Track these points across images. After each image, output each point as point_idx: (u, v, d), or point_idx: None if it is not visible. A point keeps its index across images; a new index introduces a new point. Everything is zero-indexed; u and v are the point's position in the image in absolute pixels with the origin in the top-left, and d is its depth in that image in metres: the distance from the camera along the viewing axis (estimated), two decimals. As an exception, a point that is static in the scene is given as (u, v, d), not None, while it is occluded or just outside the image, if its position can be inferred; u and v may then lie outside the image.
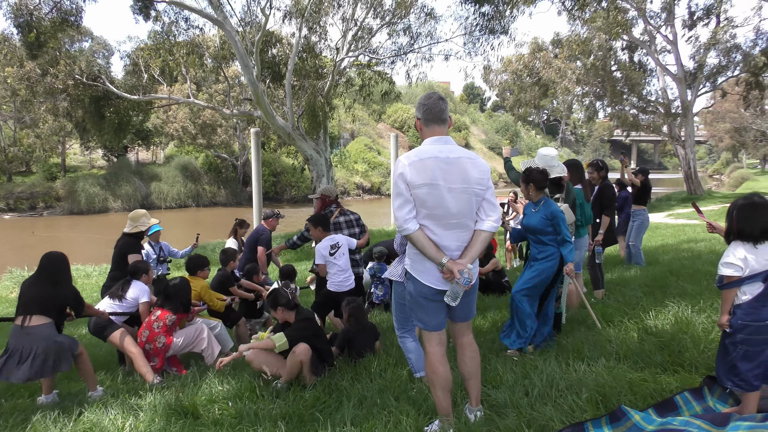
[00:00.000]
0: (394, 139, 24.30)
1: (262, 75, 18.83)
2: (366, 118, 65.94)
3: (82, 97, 19.11)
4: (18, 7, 16.17)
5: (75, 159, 49.17)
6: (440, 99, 3.41)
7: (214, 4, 16.12)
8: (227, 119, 41.49)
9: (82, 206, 40.34)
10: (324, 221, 6.10)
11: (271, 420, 3.85)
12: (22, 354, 4.58)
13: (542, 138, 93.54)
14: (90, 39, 40.54)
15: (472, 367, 3.53)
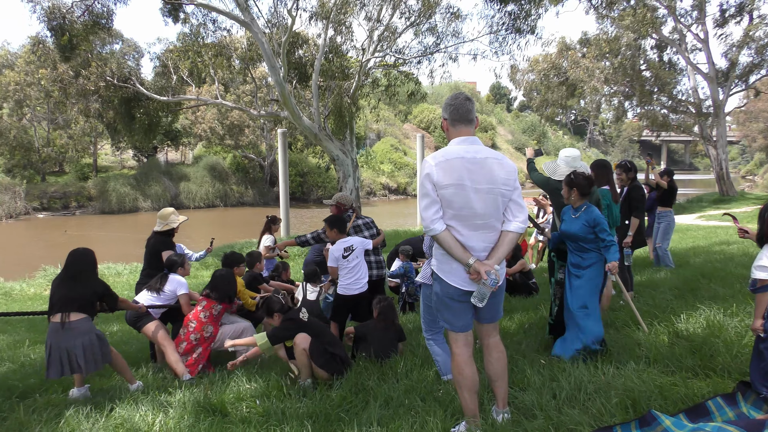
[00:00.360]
0: (420, 139, 24.29)
1: (289, 76, 18.94)
2: (392, 118, 65.96)
3: (112, 99, 19.42)
4: (51, 10, 16.51)
5: (106, 159, 50.05)
6: (467, 99, 3.40)
7: (241, 6, 16.25)
8: (254, 120, 41.83)
9: (113, 206, 41.04)
10: (340, 223, 6.06)
11: (298, 419, 3.87)
12: (68, 349, 4.67)
13: (569, 138, 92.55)
14: (121, 41, 41.26)
15: (498, 368, 3.52)
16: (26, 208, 38.55)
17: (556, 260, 5.27)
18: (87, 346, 4.72)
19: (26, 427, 4.08)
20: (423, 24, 19.65)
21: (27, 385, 5.33)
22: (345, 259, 5.80)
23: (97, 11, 17.08)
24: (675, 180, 9.25)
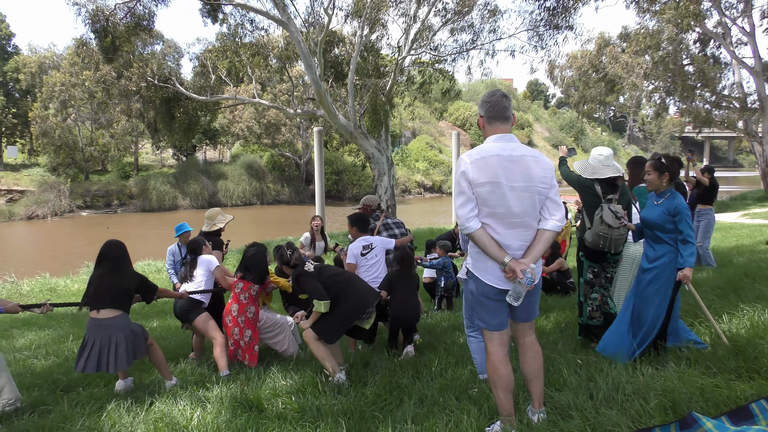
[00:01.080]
0: (455, 137, 24.19)
1: (325, 74, 19.05)
2: (427, 116, 65.83)
3: (153, 99, 19.80)
4: (95, 13, 16.91)
5: (147, 158, 51.16)
6: (504, 96, 3.37)
7: (278, 6, 16.40)
8: (291, 118, 42.25)
9: (153, 204, 41.91)
10: (361, 222, 6.06)
11: (333, 416, 3.90)
12: (101, 346, 4.78)
13: (608, 135, 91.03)
14: (161, 42, 42.04)
15: (534, 368, 3.48)
16: (70, 206, 39.63)
17: (585, 260, 5.19)
18: (120, 343, 4.80)
19: (70, 419, 4.19)
20: (459, 21, 19.53)
21: (71, 378, 5.48)
22: (363, 257, 5.81)
23: (138, 13, 17.43)
24: (716, 177, 9.02)
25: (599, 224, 4.90)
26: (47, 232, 33.63)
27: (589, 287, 5.15)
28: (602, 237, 4.89)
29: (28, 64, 44.90)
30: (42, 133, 41.04)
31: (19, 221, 36.66)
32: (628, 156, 77.49)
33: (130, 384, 5.15)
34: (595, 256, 5.10)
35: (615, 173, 5.04)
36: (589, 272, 5.16)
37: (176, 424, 3.98)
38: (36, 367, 6.26)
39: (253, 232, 25.82)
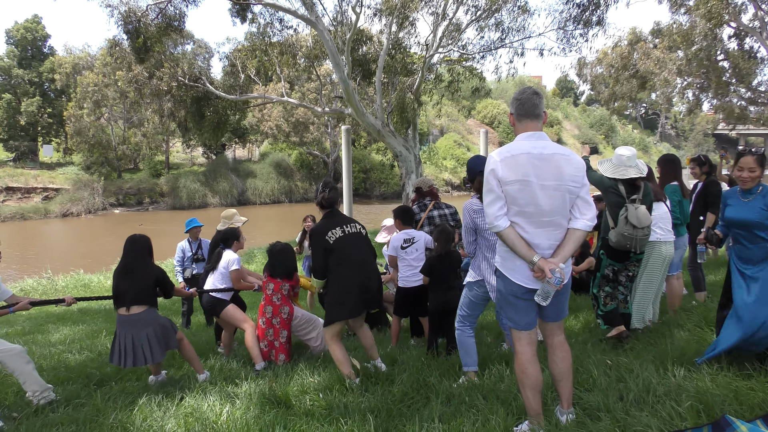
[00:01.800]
0: (483, 135, 23.99)
1: (353, 73, 19.09)
2: (455, 114, 65.55)
3: (184, 98, 20.07)
4: (127, 14, 17.19)
5: (177, 156, 51.88)
6: (534, 94, 3.34)
7: (307, 5, 16.48)
8: (319, 117, 42.42)
9: (184, 201, 42.49)
10: (405, 214, 5.98)
11: (360, 413, 3.91)
12: (134, 341, 4.86)
13: (639, 132, 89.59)
14: (192, 42, 42.58)
15: (563, 368, 3.45)
16: (103, 204, 40.40)
17: (604, 258, 5.18)
18: (152, 337, 4.89)
19: (103, 413, 4.27)
20: (488, 18, 19.40)
21: (104, 373, 5.59)
22: (403, 251, 5.75)
23: (169, 13, 17.67)
24: None
25: (624, 224, 4.86)
26: (81, 229, 34.31)
27: (605, 281, 5.19)
28: (627, 237, 4.86)
29: (63, 65, 45.83)
30: (76, 133, 41.87)
31: (54, 218, 37.48)
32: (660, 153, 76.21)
33: (164, 378, 5.24)
34: (618, 255, 5.08)
35: (638, 174, 4.99)
36: (608, 269, 5.17)
37: (206, 419, 4.03)
38: (70, 362, 6.40)
39: (280, 230, 26.02)
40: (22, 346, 4.74)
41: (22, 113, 46.11)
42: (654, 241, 5.26)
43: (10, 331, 9.19)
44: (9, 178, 39.82)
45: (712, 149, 79.01)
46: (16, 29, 48.35)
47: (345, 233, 4.77)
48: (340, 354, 4.77)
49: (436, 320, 5.35)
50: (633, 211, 4.84)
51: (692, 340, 4.83)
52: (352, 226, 4.87)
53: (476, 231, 4.53)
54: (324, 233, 4.73)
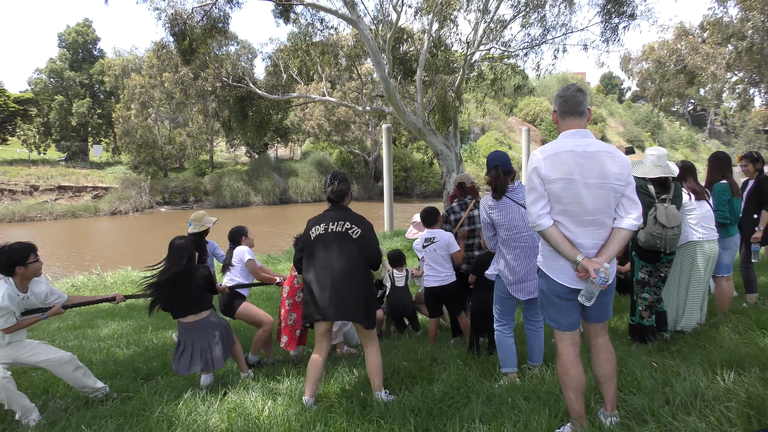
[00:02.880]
0: (525, 132, 23.77)
1: (394, 71, 19.09)
2: (497, 112, 64.98)
3: (228, 98, 20.40)
4: (174, 17, 17.56)
5: (221, 156, 52.79)
6: (578, 91, 3.30)
7: (348, 4, 16.55)
8: (360, 116, 42.61)
9: (227, 200, 43.23)
10: (429, 216, 5.91)
11: (400, 411, 3.91)
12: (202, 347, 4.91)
13: (687, 129, 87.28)
14: (236, 43, 43.22)
15: (607, 370, 3.39)
16: (150, 202, 41.41)
17: (637, 260, 5.15)
18: (217, 342, 4.95)
19: (149, 406, 4.38)
20: (532, 13, 19.14)
21: (150, 367, 5.73)
22: (423, 250, 5.75)
23: (214, 15, 17.98)
24: None
25: (653, 224, 4.84)
26: (129, 227, 35.23)
27: (641, 287, 5.15)
28: (657, 237, 4.83)
29: (112, 67, 47.16)
30: (124, 133, 43.00)
31: (103, 216, 38.58)
32: (709, 151, 74.10)
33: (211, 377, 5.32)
34: (648, 255, 5.06)
35: (664, 173, 4.95)
36: (641, 272, 5.14)
37: (248, 414, 4.09)
38: (118, 356, 6.57)
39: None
40: (72, 353, 4.83)
41: (73, 114, 47.67)
42: (696, 240, 5.22)
43: (62, 326, 9.48)
44: (61, 177, 41.15)
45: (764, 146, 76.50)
46: (68, 33, 49.97)
47: (327, 231, 4.40)
48: (311, 365, 4.40)
49: (477, 320, 5.31)
50: (662, 210, 4.81)
51: (742, 344, 4.69)
52: (340, 225, 4.41)
53: (494, 227, 4.51)
54: (310, 226, 4.49)
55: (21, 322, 4.51)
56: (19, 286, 4.54)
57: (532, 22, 19.31)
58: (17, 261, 4.46)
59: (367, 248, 4.45)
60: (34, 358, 4.61)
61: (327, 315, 4.30)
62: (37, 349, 4.66)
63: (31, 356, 4.61)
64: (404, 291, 6.58)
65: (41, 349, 4.68)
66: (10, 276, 4.50)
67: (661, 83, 30.86)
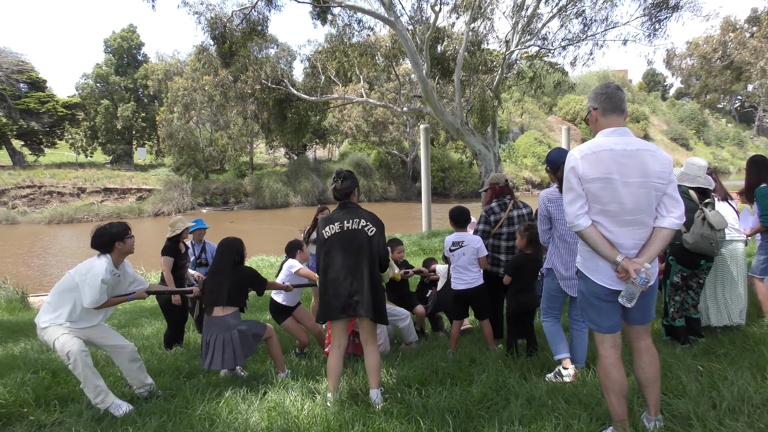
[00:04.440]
0: (565, 131, 23.42)
1: (431, 71, 19.06)
2: (536, 111, 64.27)
3: (267, 100, 20.68)
4: (213, 20, 17.89)
5: (261, 157, 53.48)
6: (618, 89, 3.27)
7: (386, 5, 16.59)
8: (398, 116, 42.62)
9: (267, 201, 43.73)
10: (458, 216, 5.80)
11: (439, 412, 3.90)
12: (224, 343, 5.00)
13: (734, 126, 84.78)
14: (275, 46, 43.76)
15: (649, 373, 3.31)
16: (192, 204, 42.15)
17: (674, 264, 5.20)
18: (236, 342, 4.99)
19: (191, 404, 4.46)
20: (570, 9, 18.86)
21: (192, 366, 5.83)
22: (451, 253, 5.65)
23: (253, 18, 18.25)
24: None
25: (701, 225, 4.87)
26: (172, 227, 35.87)
27: (674, 290, 5.24)
28: (707, 238, 4.86)
29: (156, 71, 48.21)
30: (167, 136, 43.91)
31: (147, 218, 39.44)
32: (757, 149, 71.82)
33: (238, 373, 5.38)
34: (688, 261, 5.10)
35: (704, 185, 5.07)
36: (676, 275, 5.21)
37: (288, 413, 4.13)
38: (161, 355, 6.71)
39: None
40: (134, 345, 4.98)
41: (118, 118, 48.94)
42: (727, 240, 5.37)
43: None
44: (107, 180, 42.25)
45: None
46: (113, 39, 51.30)
47: (343, 229, 4.40)
48: (331, 361, 4.49)
49: (514, 322, 5.26)
50: (710, 213, 4.88)
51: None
52: (356, 223, 4.42)
53: (551, 220, 4.51)
54: (324, 225, 4.47)
55: (110, 300, 4.74)
56: (115, 262, 4.75)
57: (570, 17, 19.01)
58: (117, 237, 4.72)
59: (381, 246, 4.48)
60: (103, 340, 4.80)
61: (346, 312, 4.35)
62: (108, 332, 4.86)
63: (102, 338, 4.80)
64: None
65: (111, 333, 4.89)
66: (109, 252, 4.73)
67: (707, 79, 30.08)
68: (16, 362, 6.21)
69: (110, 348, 4.84)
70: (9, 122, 43.72)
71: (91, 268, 4.62)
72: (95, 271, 4.57)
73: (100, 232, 4.73)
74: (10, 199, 38.38)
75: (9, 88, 45.31)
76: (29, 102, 45.39)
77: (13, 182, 39.30)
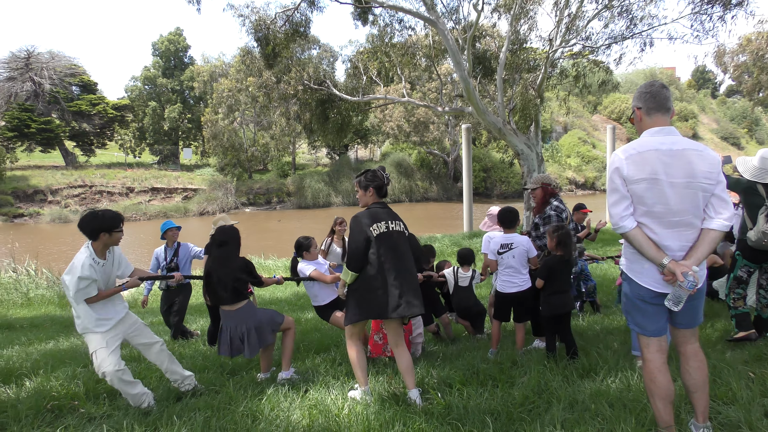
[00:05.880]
0: (610, 131, 23.00)
1: (473, 71, 18.94)
2: (580, 110, 63.24)
3: (309, 101, 20.87)
4: (257, 23, 18.15)
5: (303, 157, 54.06)
6: (663, 87, 3.19)
7: (427, 5, 16.56)
8: (439, 116, 42.53)
9: (309, 201, 44.20)
10: (507, 218, 5.62)
11: (480, 414, 3.87)
12: (240, 333, 5.04)
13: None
14: (318, 47, 44.17)
15: (697, 378, 3.22)
16: (235, 203, 42.91)
17: (739, 258, 5.14)
18: (251, 332, 5.03)
19: (235, 401, 4.53)
20: (615, 8, 18.47)
21: (236, 363, 5.92)
22: (500, 256, 5.49)
23: (296, 20, 18.44)
24: None
25: (765, 222, 4.76)
26: (216, 226, 36.52)
27: (737, 283, 5.20)
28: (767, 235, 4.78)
29: (201, 73, 49.22)
30: (212, 136, 44.78)
31: (192, 217, 40.27)
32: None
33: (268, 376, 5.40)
34: (755, 256, 5.03)
35: None
36: (742, 270, 5.15)
37: (329, 412, 4.16)
38: (206, 351, 6.84)
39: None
40: (162, 340, 5.07)
41: (165, 119, 50.18)
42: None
43: (155, 321, 9.95)
44: (154, 180, 43.34)
45: None
46: (161, 42, 52.61)
47: (390, 230, 4.43)
48: (354, 356, 4.49)
49: (551, 324, 5.18)
50: None
51: None
52: (398, 224, 4.50)
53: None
54: (369, 223, 4.40)
55: (101, 293, 4.62)
56: (98, 252, 4.61)
57: (615, 15, 18.60)
58: (104, 227, 4.56)
59: (416, 248, 4.62)
60: (135, 338, 4.83)
61: (399, 312, 4.32)
62: (138, 329, 4.86)
63: (134, 335, 4.82)
64: (468, 291, 6.50)
65: (141, 329, 4.88)
66: (93, 240, 4.59)
67: (759, 76, 29.13)
68: (67, 357, 6.42)
69: (141, 346, 4.88)
70: (62, 124, 45.30)
71: (71, 267, 4.52)
72: (74, 270, 4.47)
73: (89, 218, 4.57)
74: (63, 198, 39.74)
75: (62, 90, 46.96)
76: (81, 104, 46.95)
77: (66, 182, 40.69)
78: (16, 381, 5.32)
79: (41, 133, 43.61)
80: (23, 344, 7.98)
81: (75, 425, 4.14)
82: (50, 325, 10.23)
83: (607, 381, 4.35)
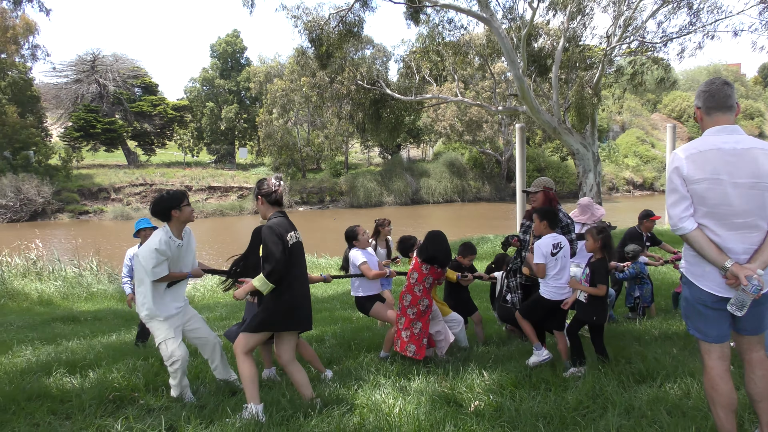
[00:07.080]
0: (670, 130, 22.29)
1: (528, 69, 18.67)
2: (638, 108, 61.59)
3: (362, 101, 20.98)
4: (311, 23, 18.37)
5: (356, 157, 54.42)
6: (725, 84, 3.06)
7: (481, 3, 16.42)
8: (492, 115, 42.10)
9: (361, 200, 44.47)
10: (552, 216, 5.28)
11: (532, 418, 3.82)
12: None
13: None
14: (371, 46, 44.41)
15: (763, 387, 3.09)
16: (289, 202, 43.52)
17: None
18: None
19: (287, 396, 4.59)
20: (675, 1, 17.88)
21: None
22: (553, 257, 5.10)
23: (349, 20, 18.58)
24: None
25: None
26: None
27: None
28: None
29: (257, 74, 50.16)
30: (267, 136, 45.59)
31: (247, 215, 41.09)
32: None
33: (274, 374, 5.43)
34: None
35: None
36: None
37: (379, 410, 4.17)
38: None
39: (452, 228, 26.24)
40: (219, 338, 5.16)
41: (222, 119, 51.37)
42: None
43: (211, 316, 10.19)
44: (211, 178, 44.44)
45: None
46: (218, 44, 53.87)
47: (298, 239, 4.42)
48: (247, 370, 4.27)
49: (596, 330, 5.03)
50: None
51: None
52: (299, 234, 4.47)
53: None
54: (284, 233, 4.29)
55: (171, 273, 4.69)
56: (175, 232, 4.70)
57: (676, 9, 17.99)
58: (173, 204, 4.64)
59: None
60: (192, 332, 4.93)
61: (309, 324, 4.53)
62: (196, 322, 4.96)
63: (191, 329, 4.92)
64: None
65: (198, 323, 4.98)
66: (167, 221, 4.69)
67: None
68: (128, 349, 6.64)
69: (197, 340, 4.97)
70: (125, 124, 47.00)
71: (148, 242, 4.65)
72: (150, 242, 4.59)
73: (156, 201, 4.69)
74: (125, 196, 41.20)
75: (125, 92, 48.68)
76: (143, 105, 48.61)
77: (128, 180, 42.17)
78: (81, 372, 5.52)
79: (105, 133, 45.38)
80: (87, 336, 8.30)
81: (135, 416, 4.27)
82: (112, 318, 10.60)
83: (665, 387, 4.23)
